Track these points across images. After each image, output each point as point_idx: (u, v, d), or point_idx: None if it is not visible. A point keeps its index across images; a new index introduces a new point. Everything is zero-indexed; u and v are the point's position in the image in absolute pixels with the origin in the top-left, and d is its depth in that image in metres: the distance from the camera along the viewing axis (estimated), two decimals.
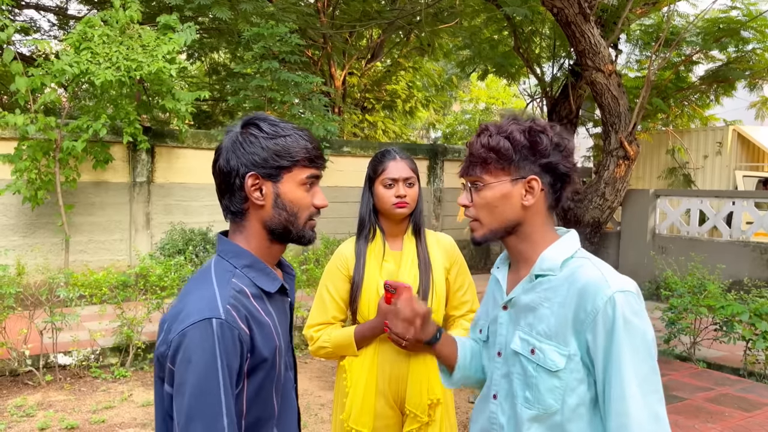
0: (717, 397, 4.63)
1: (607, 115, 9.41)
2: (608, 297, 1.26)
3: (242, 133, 1.30)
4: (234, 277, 1.26)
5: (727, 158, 12.08)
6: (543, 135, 1.35)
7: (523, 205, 1.36)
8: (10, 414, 4.28)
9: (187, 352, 1.14)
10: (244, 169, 1.27)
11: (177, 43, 7.39)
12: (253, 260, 1.30)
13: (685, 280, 5.95)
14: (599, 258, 1.41)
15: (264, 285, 1.29)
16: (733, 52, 10.82)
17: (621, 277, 1.31)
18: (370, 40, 15.05)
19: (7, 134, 7.54)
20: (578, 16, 8.70)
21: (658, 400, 1.25)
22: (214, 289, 1.21)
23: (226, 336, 1.15)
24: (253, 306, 1.24)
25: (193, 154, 9.18)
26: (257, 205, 1.29)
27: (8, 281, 4.83)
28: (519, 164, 1.35)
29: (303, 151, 1.31)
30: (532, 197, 1.36)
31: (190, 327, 1.15)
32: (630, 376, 1.24)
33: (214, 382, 1.13)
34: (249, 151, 1.27)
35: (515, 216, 1.37)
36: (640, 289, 1.33)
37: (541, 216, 1.39)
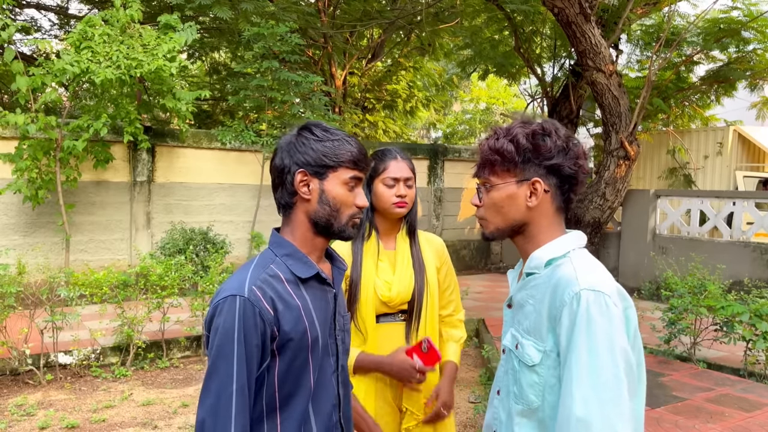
0: (717, 398, 4.63)
1: (608, 116, 9.41)
2: (575, 293, 1.27)
3: (297, 135, 1.47)
4: (273, 263, 1.43)
5: (727, 158, 12.08)
6: (548, 138, 1.38)
7: (528, 207, 1.39)
8: (11, 413, 4.29)
9: (216, 321, 1.35)
10: (295, 167, 1.44)
11: (178, 42, 7.39)
12: (293, 250, 1.46)
13: (685, 281, 5.94)
14: (598, 258, 1.41)
15: (298, 272, 1.44)
16: (734, 52, 10.82)
17: (598, 278, 1.30)
18: (370, 39, 15.05)
19: (7, 133, 7.54)
20: (579, 16, 8.70)
21: (617, 415, 1.18)
22: (248, 272, 1.39)
23: (247, 312, 1.32)
24: (285, 290, 1.40)
25: (194, 153, 9.18)
26: (304, 199, 1.45)
27: (9, 280, 4.83)
28: (523, 166, 1.38)
29: (348, 153, 1.45)
30: (536, 199, 1.38)
31: (221, 301, 1.35)
32: (582, 377, 1.20)
33: (230, 350, 1.31)
34: (300, 150, 1.44)
35: (521, 216, 1.40)
36: (641, 289, 1.33)
37: (547, 217, 1.41)
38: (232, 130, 9.13)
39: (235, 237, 9.29)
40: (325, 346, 1.47)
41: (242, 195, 9.55)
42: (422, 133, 24.45)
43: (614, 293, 1.29)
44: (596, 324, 1.22)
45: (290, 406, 1.40)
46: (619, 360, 1.21)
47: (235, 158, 9.47)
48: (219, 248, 8.13)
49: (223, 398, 1.29)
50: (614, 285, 1.32)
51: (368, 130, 16.24)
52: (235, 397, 1.29)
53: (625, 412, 1.19)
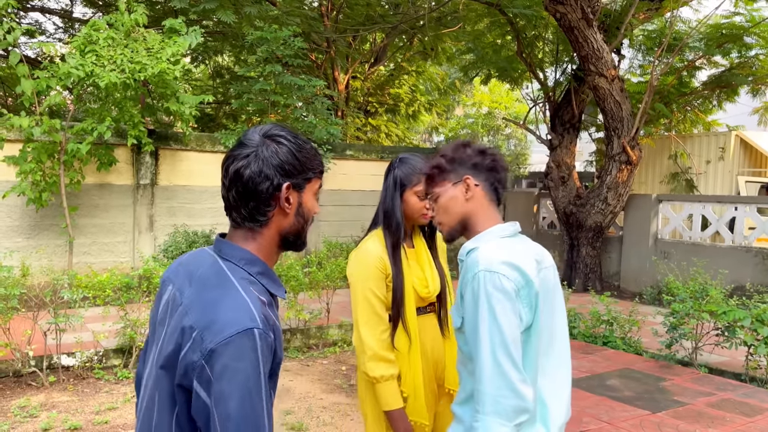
0: (718, 402, 4.63)
1: (610, 120, 9.43)
2: (474, 273, 1.58)
3: (271, 143, 1.35)
4: (252, 285, 1.30)
5: (729, 163, 12.08)
6: (466, 147, 1.75)
7: (467, 200, 1.71)
8: (14, 414, 4.30)
9: (231, 360, 1.17)
10: (279, 179, 1.32)
11: (182, 45, 7.43)
12: (265, 268, 1.35)
13: (687, 285, 5.95)
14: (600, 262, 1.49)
15: (275, 291, 1.35)
16: (736, 57, 10.84)
17: (496, 260, 1.57)
18: (373, 44, 15.09)
19: (12, 136, 7.58)
20: (581, 21, 8.72)
21: (503, 353, 1.51)
22: (244, 297, 1.24)
23: (264, 345, 1.20)
24: (270, 314, 1.28)
25: (197, 156, 9.21)
26: (284, 212, 1.35)
27: (12, 282, 4.86)
28: (454, 171, 1.73)
29: (320, 163, 1.41)
30: (470, 192, 1.71)
31: (235, 336, 1.18)
32: (483, 334, 1.54)
33: (258, 391, 1.19)
34: (284, 160, 1.33)
35: (463, 210, 1.72)
36: (643, 293, 1.39)
37: (483, 208, 1.73)
38: (235, 133, 9.16)
39: None
40: None
41: None
42: (424, 137, 24.49)
43: (509, 272, 1.56)
44: (491, 296, 1.54)
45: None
46: (507, 327, 1.52)
47: None
48: None
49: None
50: (513, 265, 1.57)
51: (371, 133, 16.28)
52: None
53: (510, 353, 1.51)
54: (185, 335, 1.23)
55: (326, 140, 9.63)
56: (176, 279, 1.37)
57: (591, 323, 6.47)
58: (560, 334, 1.72)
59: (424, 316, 2.29)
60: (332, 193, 10.40)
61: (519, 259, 1.59)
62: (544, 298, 1.64)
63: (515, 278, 1.56)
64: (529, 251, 1.68)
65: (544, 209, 11.91)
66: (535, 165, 23.07)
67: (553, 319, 1.69)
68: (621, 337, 6.30)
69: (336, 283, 6.63)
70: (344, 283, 6.46)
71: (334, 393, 4.94)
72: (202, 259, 1.38)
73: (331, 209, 10.35)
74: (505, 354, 1.51)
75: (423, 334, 2.26)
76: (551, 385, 1.66)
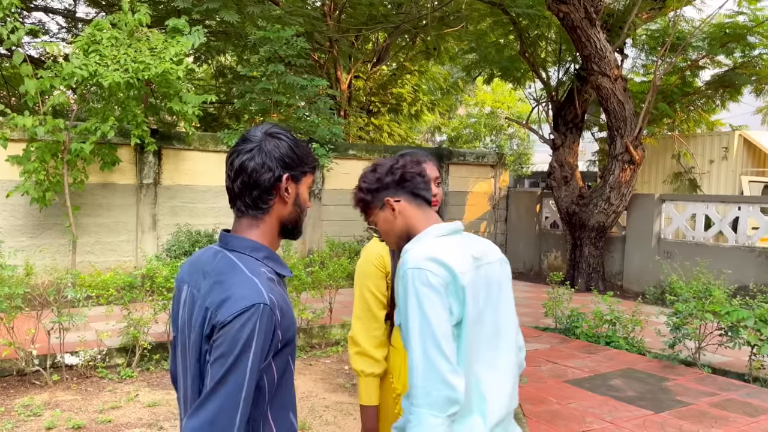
0: (722, 402, 4.63)
1: (613, 120, 9.42)
2: (404, 272, 1.64)
3: (272, 139, 1.49)
4: (262, 267, 1.44)
5: (733, 163, 12.06)
6: (375, 172, 1.83)
7: (396, 218, 1.80)
8: (18, 413, 4.32)
9: (236, 331, 1.32)
10: (281, 171, 1.47)
11: (185, 45, 7.44)
12: (269, 252, 1.49)
13: (690, 285, 5.94)
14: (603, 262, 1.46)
15: (281, 271, 1.49)
16: (740, 57, 10.81)
17: (422, 258, 1.63)
18: (376, 43, 15.09)
19: (16, 136, 7.60)
20: (584, 21, 8.72)
21: (432, 346, 1.56)
22: (251, 277, 1.38)
23: (266, 320, 1.34)
24: (280, 292, 1.43)
25: (200, 156, 9.23)
26: (284, 202, 1.50)
27: (16, 281, 4.87)
28: (375, 198, 1.82)
29: (313, 159, 1.55)
30: (396, 210, 1.80)
31: (243, 310, 1.32)
32: (413, 329, 1.59)
33: (245, 362, 1.31)
34: (284, 154, 1.49)
35: (400, 227, 1.82)
36: (646, 293, 1.38)
37: (415, 217, 1.81)
38: (238, 133, 9.17)
39: None
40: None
41: None
42: (427, 136, 24.47)
43: (435, 268, 1.61)
44: (419, 293, 1.59)
45: (284, 399, 1.45)
46: (437, 321, 1.58)
47: None
48: None
49: (227, 409, 1.30)
50: (439, 261, 1.62)
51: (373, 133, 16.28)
52: (241, 407, 1.31)
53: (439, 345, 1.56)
54: (204, 318, 1.38)
55: (329, 140, 9.64)
56: (190, 279, 1.50)
57: (594, 323, 6.47)
58: (506, 328, 1.77)
59: None
60: (335, 193, 10.40)
61: (446, 256, 1.64)
62: (487, 292, 1.71)
63: (442, 274, 1.61)
64: (465, 248, 1.72)
65: (547, 209, 11.90)
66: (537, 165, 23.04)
67: (498, 313, 1.74)
68: (624, 336, 6.30)
69: (338, 283, 6.63)
70: (346, 282, 6.47)
71: (337, 392, 4.95)
72: (210, 254, 1.50)
73: (333, 209, 10.36)
74: (435, 347, 1.56)
75: None
76: (494, 378, 1.71)
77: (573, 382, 5.07)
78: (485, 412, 1.66)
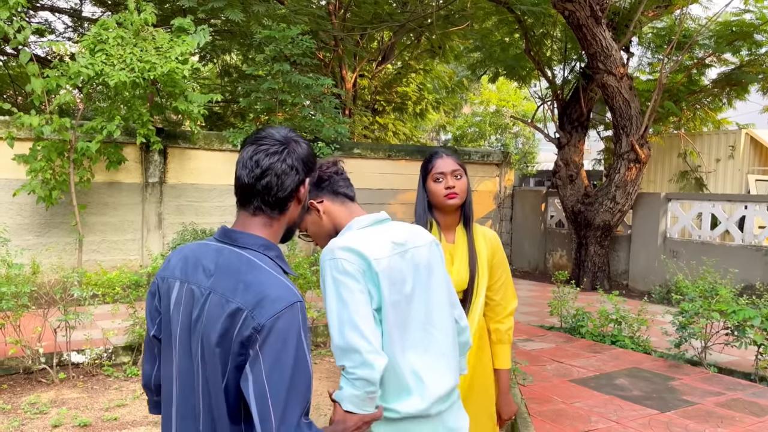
0: (728, 402, 4.61)
1: (619, 118, 9.39)
2: (322, 263, 1.71)
3: (296, 143, 1.52)
4: (274, 267, 1.44)
5: (739, 162, 12.00)
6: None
7: (322, 217, 1.86)
8: (24, 411, 4.34)
9: (282, 333, 1.32)
10: (303, 175, 1.51)
11: (190, 45, 7.46)
12: (279, 251, 1.50)
13: (696, 285, 5.92)
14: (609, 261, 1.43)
15: (288, 271, 1.49)
16: (746, 55, 10.76)
17: (337, 248, 1.70)
18: (381, 42, 15.09)
19: (22, 135, 7.63)
20: (590, 19, 8.69)
21: (350, 328, 1.62)
22: (279, 277, 1.40)
23: (305, 316, 1.38)
24: None
25: (205, 155, 9.25)
26: (299, 205, 1.54)
27: (23, 280, 4.89)
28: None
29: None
30: (321, 210, 1.86)
31: (284, 310, 1.33)
32: (333, 314, 1.66)
33: (304, 359, 1.33)
34: (307, 159, 1.52)
35: (328, 227, 1.87)
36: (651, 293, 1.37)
37: (339, 214, 1.86)
38: (243, 132, 9.19)
39: None
40: None
41: None
42: (432, 135, 24.46)
43: (349, 256, 1.68)
44: (336, 281, 1.67)
45: None
46: (353, 305, 1.64)
47: None
48: None
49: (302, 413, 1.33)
50: (352, 249, 1.69)
51: (378, 132, 16.27)
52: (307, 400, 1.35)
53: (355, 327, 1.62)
54: (234, 318, 1.34)
55: (334, 139, 9.64)
56: (185, 275, 1.46)
57: (599, 322, 6.45)
58: (438, 309, 1.81)
59: None
60: None
61: (360, 244, 1.70)
62: (415, 275, 1.76)
63: (356, 261, 1.67)
64: (385, 235, 1.78)
65: (552, 208, 11.87)
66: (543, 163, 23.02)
67: (429, 295, 1.79)
68: (629, 336, 6.28)
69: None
70: None
71: None
72: (210, 250, 1.49)
73: None
74: (352, 329, 1.61)
75: None
76: (427, 359, 1.76)
77: (578, 382, 5.06)
78: (423, 391, 1.73)
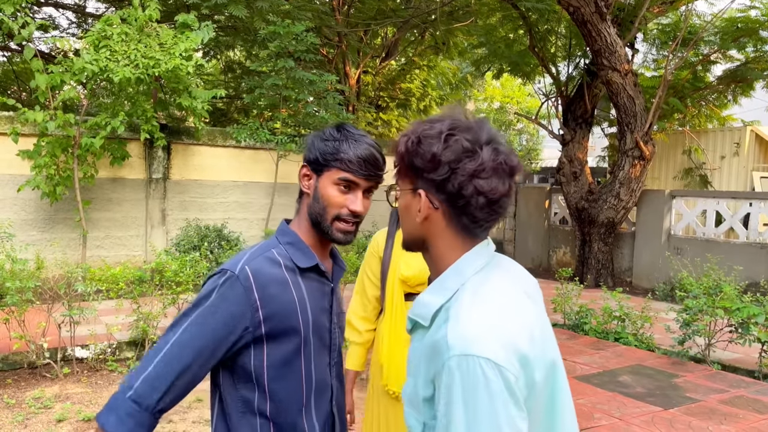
0: (731, 399, 4.60)
1: (623, 115, 9.36)
2: (443, 361, 1.01)
3: (316, 132, 1.53)
4: (275, 248, 1.46)
5: (744, 159, 11.95)
6: (432, 142, 1.12)
7: (419, 219, 1.16)
8: (29, 406, 4.36)
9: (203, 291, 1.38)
10: (304, 161, 1.52)
11: (194, 41, 7.45)
12: (295, 239, 1.49)
13: (700, 282, 5.91)
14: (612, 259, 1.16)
15: (298, 261, 1.46)
16: (752, 51, 10.71)
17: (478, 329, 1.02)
18: (384, 38, 15.05)
19: (26, 130, 7.64)
20: (594, 15, 8.65)
21: None
22: (246, 254, 1.43)
23: (232, 286, 1.35)
24: (281, 275, 1.42)
25: (209, 151, 9.25)
26: (306, 192, 1.50)
27: (27, 275, 4.91)
28: (413, 174, 1.16)
29: (342, 155, 1.45)
30: (423, 211, 1.15)
31: (214, 275, 1.39)
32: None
33: (210, 324, 1.33)
34: (309, 146, 1.51)
35: (417, 232, 1.19)
36: (655, 290, 1.17)
37: (444, 239, 1.15)
38: (247, 128, 9.18)
39: (250, 234, 9.35)
40: (321, 338, 1.48)
41: (256, 192, 9.60)
42: None
43: (499, 351, 1.00)
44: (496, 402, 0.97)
45: (284, 395, 1.41)
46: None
47: (250, 156, 9.53)
48: (233, 245, 8.20)
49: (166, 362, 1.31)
50: (506, 334, 1.03)
51: (382, 128, 16.24)
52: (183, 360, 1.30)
53: None
54: None
55: None
56: None
57: (603, 319, 6.45)
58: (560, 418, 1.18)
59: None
60: None
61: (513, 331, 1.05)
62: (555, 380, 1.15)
63: (514, 367, 1.01)
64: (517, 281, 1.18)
65: (556, 204, 11.85)
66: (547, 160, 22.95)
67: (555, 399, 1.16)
68: (633, 333, 6.27)
69: (346, 278, 6.63)
70: (354, 277, 6.47)
71: None
72: None
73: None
74: None
75: (403, 314, 2.34)
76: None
77: (582, 378, 5.06)
78: None
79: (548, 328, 1.17)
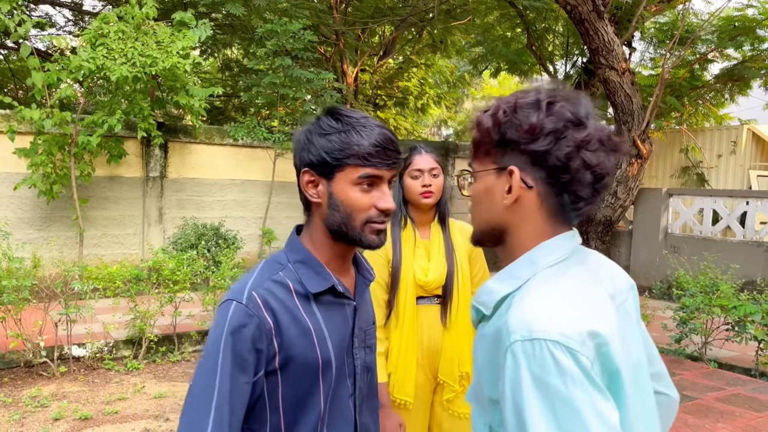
0: (728, 397, 4.61)
1: (620, 114, 9.36)
2: (506, 346, 0.91)
3: (309, 127, 1.28)
4: (282, 270, 1.26)
5: (741, 157, 11.97)
6: (534, 112, 1.00)
7: (505, 206, 1.03)
8: (25, 404, 4.35)
9: (212, 326, 1.22)
10: (301, 166, 1.27)
11: (191, 39, 7.44)
12: (307, 257, 1.28)
13: (697, 280, 5.92)
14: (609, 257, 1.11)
15: (310, 285, 1.25)
16: (749, 50, 10.73)
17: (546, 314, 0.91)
18: (382, 36, 15.04)
19: (23, 128, 7.62)
20: (592, 14, 8.65)
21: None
22: (252, 276, 1.25)
23: (240, 319, 1.18)
24: (292, 302, 1.24)
25: (206, 149, 9.24)
26: (315, 202, 1.27)
27: (24, 274, 4.90)
28: (502, 150, 1.03)
29: (355, 148, 1.21)
30: (513, 194, 1.02)
31: (219, 306, 1.23)
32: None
33: (214, 361, 1.17)
34: (305, 147, 1.26)
35: (497, 219, 1.05)
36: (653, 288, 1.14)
37: (532, 225, 1.03)
38: (245, 126, 9.17)
39: (247, 233, 9.34)
40: (339, 367, 1.30)
41: (254, 191, 9.60)
42: (433, 130, 24.42)
43: (570, 331, 0.88)
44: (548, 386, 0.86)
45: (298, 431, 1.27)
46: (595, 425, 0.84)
47: (247, 154, 9.52)
48: (230, 244, 8.19)
49: (201, 412, 1.15)
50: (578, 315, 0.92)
51: None
52: (213, 413, 1.14)
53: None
54: None
55: None
56: None
57: None
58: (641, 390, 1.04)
59: (428, 306, 2.29)
60: None
61: (590, 316, 0.93)
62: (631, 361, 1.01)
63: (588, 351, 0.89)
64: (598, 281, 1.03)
65: None
66: None
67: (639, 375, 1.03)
68: None
69: None
70: None
71: None
72: None
73: None
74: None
75: (421, 322, 2.28)
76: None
77: None
78: None
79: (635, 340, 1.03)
